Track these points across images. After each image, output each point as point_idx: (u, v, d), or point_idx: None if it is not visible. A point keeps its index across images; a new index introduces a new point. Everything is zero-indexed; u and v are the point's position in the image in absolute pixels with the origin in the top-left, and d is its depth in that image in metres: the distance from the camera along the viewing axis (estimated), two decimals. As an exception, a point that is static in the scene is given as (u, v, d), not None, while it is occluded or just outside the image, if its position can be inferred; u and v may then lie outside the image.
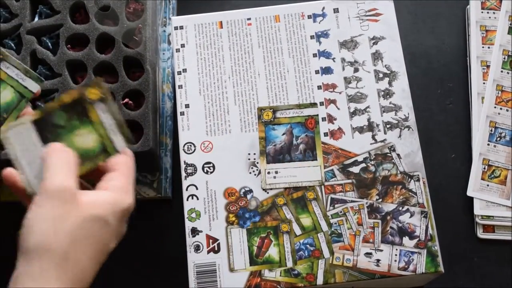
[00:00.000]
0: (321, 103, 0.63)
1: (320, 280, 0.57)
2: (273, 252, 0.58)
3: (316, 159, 0.61)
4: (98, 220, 0.42)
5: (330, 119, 0.63)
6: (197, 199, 0.60)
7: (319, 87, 0.64)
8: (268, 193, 0.60)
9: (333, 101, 0.63)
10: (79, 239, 0.41)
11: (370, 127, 0.62)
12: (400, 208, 0.60)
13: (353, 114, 0.63)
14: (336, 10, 0.67)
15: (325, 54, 0.65)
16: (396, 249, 0.58)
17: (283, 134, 0.62)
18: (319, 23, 0.66)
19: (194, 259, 0.58)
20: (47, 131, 0.48)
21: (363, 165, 0.61)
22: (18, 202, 0.71)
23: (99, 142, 0.48)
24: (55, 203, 0.41)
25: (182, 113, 0.64)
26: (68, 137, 0.48)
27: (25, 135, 0.48)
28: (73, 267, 0.40)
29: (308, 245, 0.59)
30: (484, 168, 0.70)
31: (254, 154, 0.61)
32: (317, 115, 0.63)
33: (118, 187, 0.45)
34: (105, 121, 0.48)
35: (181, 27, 0.67)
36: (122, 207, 0.44)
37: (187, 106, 0.64)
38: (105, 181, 0.46)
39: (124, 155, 0.48)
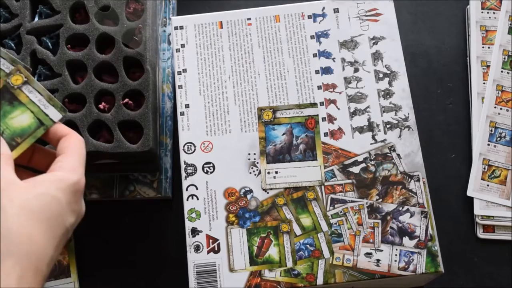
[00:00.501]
0: (321, 103, 0.63)
1: (320, 280, 0.57)
2: (273, 252, 0.58)
3: (316, 159, 0.61)
4: (42, 195, 0.43)
5: (330, 119, 0.63)
6: (197, 199, 0.60)
7: (319, 87, 0.64)
8: (268, 193, 0.60)
9: (333, 101, 0.63)
10: (27, 218, 0.41)
11: (370, 127, 0.62)
12: (400, 208, 0.60)
13: (353, 114, 0.63)
14: (336, 10, 0.67)
15: (325, 54, 0.65)
16: (396, 249, 0.58)
17: (283, 134, 0.62)
18: (319, 23, 0.66)
19: (194, 259, 0.58)
20: None
21: (363, 165, 0.61)
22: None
23: (34, 118, 0.49)
24: None
25: (182, 113, 0.64)
26: (3, 122, 0.48)
27: None
28: (28, 251, 0.40)
29: (308, 245, 0.59)
30: (484, 168, 0.70)
31: (254, 154, 0.61)
32: (317, 115, 0.63)
33: (63, 167, 0.46)
34: (34, 99, 0.49)
35: (181, 27, 0.67)
36: (68, 183, 0.45)
37: (187, 106, 0.64)
38: (53, 165, 0.47)
39: (70, 137, 0.49)
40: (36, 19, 0.69)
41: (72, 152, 0.48)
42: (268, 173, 0.61)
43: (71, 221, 0.45)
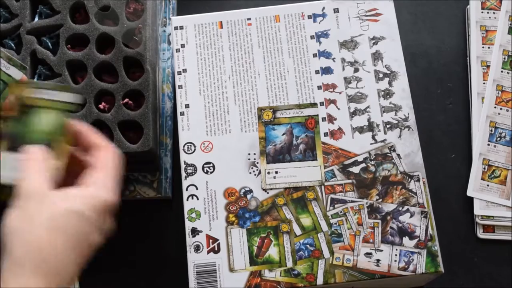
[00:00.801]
0: (321, 103, 0.63)
1: (320, 280, 0.57)
2: (273, 252, 0.58)
3: (316, 159, 0.61)
4: (72, 213, 0.42)
5: (330, 119, 0.63)
6: (197, 199, 0.60)
7: (319, 87, 0.64)
8: (268, 193, 0.60)
9: (333, 101, 0.63)
10: (55, 235, 0.41)
11: (370, 127, 0.62)
12: (400, 208, 0.60)
13: (353, 114, 0.63)
14: (336, 10, 0.67)
15: (325, 54, 0.65)
16: (396, 249, 0.58)
17: (283, 134, 0.62)
18: (319, 23, 0.66)
19: (194, 259, 0.58)
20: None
21: (363, 165, 0.61)
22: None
23: None
24: (28, 204, 0.42)
25: (182, 113, 0.64)
26: None
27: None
28: (54, 267, 0.40)
29: (308, 245, 0.59)
30: (484, 168, 0.70)
31: (254, 154, 0.61)
32: (317, 115, 0.63)
33: (95, 182, 0.45)
34: None
35: (181, 27, 0.67)
36: (99, 201, 0.44)
37: (187, 106, 0.64)
38: (84, 177, 0.46)
39: (107, 151, 0.48)
40: (36, 19, 0.69)
41: (107, 168, 0.47)
42: (268, 173, 0.61)
43: (97, 239, 0.44)
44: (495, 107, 0.71)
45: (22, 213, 0.42)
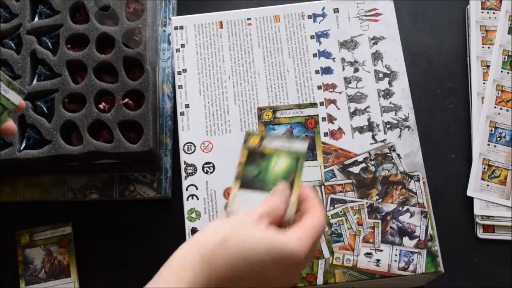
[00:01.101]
0: (321, 103, 0.63)
1: (320, 280, 0.57)
2: (273, 252, 0.58)
3: (316, 159, 0.61)
4: (250, 254, 0.43)
5: (330, 119, 0.63)
6: (197, 199, 0.60)
7: (319, 87, 0.64)
8: (268, 193, 0.60)
9: (333, 101, 0.63)
10: (225, 255, 0.43)
11: (370, 127, 0.62)
12: (400, 208, 0.60)
13: (353, 114, 0.63)
14: (336, 10, 0.67)
15: (325, 54, 0.65)
16: (396, 249, 0.58)
17: (283, 134, 0.62)
18: (319, 23, 0.66)
19: (194, 259, 0.58)
20: None
21: (363, 165, 0.61)
22: (18, 202, 0.72)
23: None
24: (237, 221, 0.45)
25: (182, 113, 0.64)
26: None
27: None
28: (212, 261, 0.43)
29: (308, 245, 0.58)
30: (484, 168, 0.70)
31: (254, 154, 0.61)
32: (317, 115, 0.63)
33: (294, 235, 0.44)
34: None
35: (181, 27, 0.67)
36: (284, 254, 0.43)
37: (187, 106, 0.64)
38: (292, 225, 0.45)
39: (316, 210, 0.46)
40: (36, 19, 0.69)
41: (305, 223, 0.45)
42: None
43: (267, 274, 0.43)
44: (495, 107, 0.71)
45: (224, 224, 0.44)
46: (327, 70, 0.65)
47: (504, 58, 0.73)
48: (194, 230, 0.59)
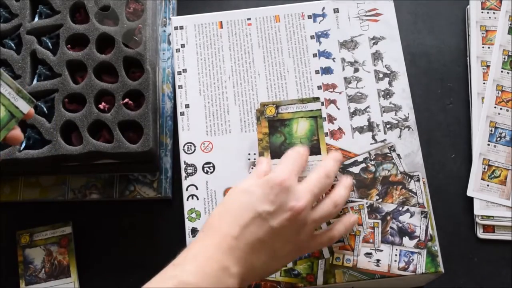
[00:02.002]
0: (321, 103, 0.63)
1: (320, 280, 0.57)
2: (273, 252, 0.58)
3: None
4: (239, 190, 0.52)
5: (330, 119, 0.63)
6: (197, 199, 0.60)
7: (319, 87, 0.64)
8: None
9: (333, 101, 0.63)
10: (219, 209, 0.52)
11: (370, 127, 0.62)
12: (400, 208, 0.60)
13: (353, 114, 0.63)
14: (336, 10, 0.67)
15: (325, 54, 0.65)
16: (396, 249, 0.58)
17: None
18: (319, 23, 0.66)
19: (194, 259, 0.58)
20: None
21: (363, 165, 0.61)
22: (18, 202, 0.72)
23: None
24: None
25: (182, 113, 0.64)
26: None
27: None
28: (214, 225, 0.51)
29: (308, 245, 0.58)
30: (484, 168, 0.70)
31: (254, 154, 0.61)
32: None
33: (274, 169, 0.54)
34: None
35: (181, 27, 0.67)
36: (264, 178, 0.52)
37: (187, 106, 0.64)
38: None
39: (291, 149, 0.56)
40: (36, 19, 0.69)
41: (285, 157, 0.55)
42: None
43: (267, 208, 0.50)
44: (495, 107, 0.71)
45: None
46: (327, 70, 0.65)
47: (504, 58, 0.73)
48: (194, 230, 0.59)
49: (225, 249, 0.48)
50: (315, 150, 0.60)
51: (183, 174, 0.61)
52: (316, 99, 0.62)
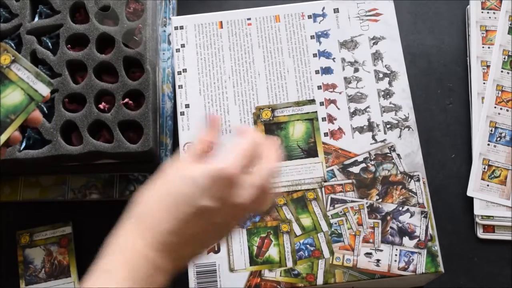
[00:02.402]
0: (321, 103, 0.63)
1: (320, 280, 0.57)
2: (273, 252, 0.58)
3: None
4: (181, 177, 0.46)
5: (330, 119, 0.63)
6: (197, 199, 0.60)
7: (319, 87, 0.64)
8: (268, 193, 0.60)
9: (333, 101, 0.63)
10: (156, 194, 0.47)
11: (370, 127, 0.62)
12: (400, 208, 0.60)
13: (353, 114, 0.63)
14: (336, 10, 0.67)
15: (325, 54, 0.65)
16: (396, 249, 0.58)
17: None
18: (319, 23, 0.66)
19: (194, 259, 0.58)
20: None
21: (363, 165, 0.61)
22: (18, 202, 0.72)
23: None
24: (166, 170, 0.48)
25: (182, 113, 0.63)
26: None
27: None
28: (146, 218, 0.46)
29: (308, 245, 0.59)
30: (484, 168, 0.70)
31: (254, 154, 0.61)
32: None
33: (221, 158, 0.48)
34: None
35: (181, 27, 0.67)
36: (214, 169, 0.46)
37: (187, 106, 0.64)
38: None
39: (248, 134, 0.51)
40: (36, 19, 0.69)
41: (232, 148, 0.49)
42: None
43: (208, 204, 0.45)
44: (495, 107, 0.71)
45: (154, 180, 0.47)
46: (327, 70, 0.65)
47: (504, 58, 0.73)
48: (194, 230, 0.59)
49: (159, 247, 0.45)
50: (312, 152, 0.61)
51: (183, 174, 0.61)
52: (312, 101, 0.62)
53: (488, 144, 0.70)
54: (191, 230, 0.46)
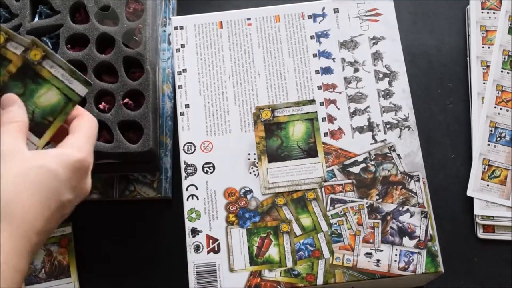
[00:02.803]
0: (321, 103, 0.63)
1: (320, 280, 0.57)
2: (273, 252, 0.58)
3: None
4: (42, 168, 0.43)
5: (330, 119, 0.63)
6: (197, 199, 0.60)
7: (319, 87, 0.64)
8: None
9: (333, 101, 0.63)
10: (23, 187, 0.42)
11: (370, 127, 0.62)
12: (400, 208, 0.60)
13: (353, 114, 0.63)
14: (336, 10, 0.67)
15: (325, 54, 0.65)
16: (396, 249, 0.58)
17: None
18: (319, 23, 0.66)
19: (194, 259, 0.58)
20: None
21: (363, 165, 0.61)
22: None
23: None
24: (3, 164, 0.42)
25: (182, 113, 0.64)
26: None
27: None
28: (19, 217, 0.41)
29: (308, 245, 0.59)
30: (484, 168, 0.70)
31: (254, 154, 0.61)
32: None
33: (69, 144, 0.46)
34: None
35: (181, 27, 0.67)
36: (70, 159, 0.44)
37: (187, 106, 0.64)
38: (61, 142, 0.47)
39: (82, 117, 0.49)
40: (36, 19, 0.69)
41: (81, 131, 0.47)
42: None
43: (69, 197, 0.44)
44: (495, 107, 0.71)
45: None
46: (327, 70, 0.65)
47: (504, 58, 0.73)
48: (194, 230, 0.59)
49: (24, 251, 0.41)
50: (312, 152, 0.61)
51: (183, 174, 0.61)
52: (312, 101, 0.62)
53: (488, 144, 0.70)
54: (52, 225, 0.44)
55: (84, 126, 0.48)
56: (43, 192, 0.42)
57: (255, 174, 0.61)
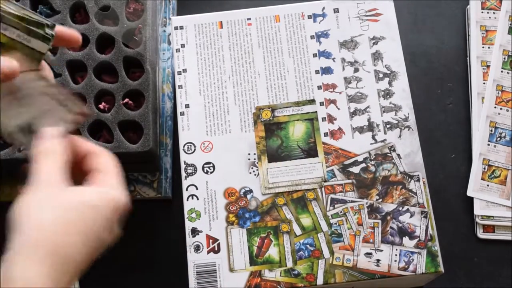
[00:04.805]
0: (321, 103, 0.63)
1: (320, 280, 0.57)
2: (273, 252, 0.58)
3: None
4: (88, 207, 0.41)
5: (330, 119, 0.63)
6: (197, 199, 0.60)
7: (319, 87, 0.64)
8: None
9: (333, 101, 0.63)
10: (67, 223, 0.40)
11: (370, 127, 0.62)
12: (400, 208, 0.60)
13: (353, 114, 0.63)
14: (336, 10, 0.67)
15: (325, 54, 0.65)
16: (396, 249, 0.58)
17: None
18: (319, 23, 0.66)
19: (194, 259, 0.58)
20: None
21: (363, 165, 0.61)
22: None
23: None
24: (43, 191, 0.40)
25: (182, 113, 0.64)
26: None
27: None
28: (60, 251, 0.39)
29: (308, 245, 0.59)
30: (484, 168, 0.70)
31: (254, 154, 0.61)
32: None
33: (107, 183, 0.44)
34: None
35: (181, 27, 0.67)
36: (113, 199, 0.43)
37: (187, 106, 0.64)
38: (92, 179, 0.44)
39: (105, 155, 0.46)
40: (36, 19, 0.69)
41: (113, 172, 0.46)
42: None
43: (106, 238, 0.43)
44: (495, 107, 0.71)
45: (36, 198, 0.40)
46: (327, 70, 0.65)
47: (504, 58, 0.73)
48: (194, 230, 0.59)
49: (66, 283, 0.40)
50: (312, 152, 0.61)
51: (183, 174, 0.61)
52: (312, 101, 0.62)
53: (488, 144, 0.70)
54: (90, 260, 0.42)
55: (111, 165, 0.46)
56: (88, 232, 0.41)
57: (255, 174, 0.61)
